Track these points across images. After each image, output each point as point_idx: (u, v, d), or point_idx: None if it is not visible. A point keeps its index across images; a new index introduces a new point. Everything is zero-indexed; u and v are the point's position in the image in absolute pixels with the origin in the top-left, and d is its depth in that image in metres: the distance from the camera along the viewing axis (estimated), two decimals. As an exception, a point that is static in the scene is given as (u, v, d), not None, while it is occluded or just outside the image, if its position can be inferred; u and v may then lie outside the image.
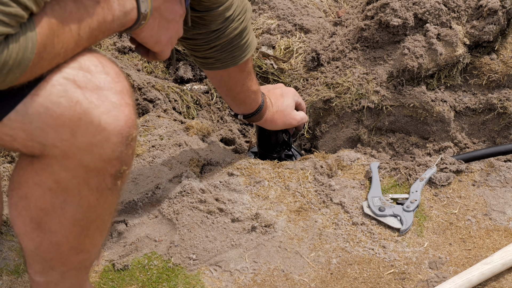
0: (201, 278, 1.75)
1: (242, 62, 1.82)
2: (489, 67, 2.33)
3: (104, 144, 1.15)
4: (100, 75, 1.14)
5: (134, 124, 1.19)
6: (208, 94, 2.60)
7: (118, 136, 1.16)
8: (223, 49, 1.77)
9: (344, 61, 2.39)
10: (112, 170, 1.20)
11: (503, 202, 1.94)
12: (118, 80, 1.17)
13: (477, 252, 1.80)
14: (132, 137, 1.20)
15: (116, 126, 1.15)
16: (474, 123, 2.37)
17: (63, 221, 1.23)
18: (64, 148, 1.13)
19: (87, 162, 1.16)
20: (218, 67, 1.82)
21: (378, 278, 1.74)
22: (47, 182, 1.18)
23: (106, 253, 1.82)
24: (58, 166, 1.15)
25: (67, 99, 1.10)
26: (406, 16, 2.27)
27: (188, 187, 1.93)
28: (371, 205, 1.91)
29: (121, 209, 1.90)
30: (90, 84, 1.13)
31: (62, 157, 1.14)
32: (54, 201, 1.20)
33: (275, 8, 2.66)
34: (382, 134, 2.39)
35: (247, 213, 1.89)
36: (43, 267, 1.34)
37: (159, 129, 2.21)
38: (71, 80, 1.11)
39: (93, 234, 1.31)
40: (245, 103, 1.96)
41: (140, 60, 2.63)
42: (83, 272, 1.41)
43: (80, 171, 1.17)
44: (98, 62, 1.16)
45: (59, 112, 1.10)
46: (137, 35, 1.31)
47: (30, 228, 1.24)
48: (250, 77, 1.90)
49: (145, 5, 1.23)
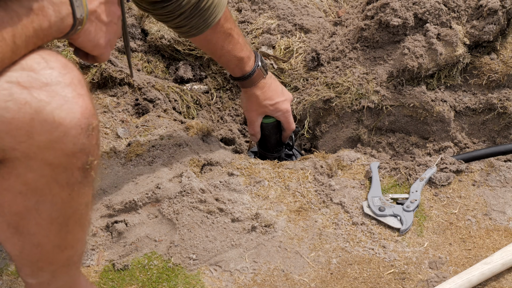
0: (201, 278, 1.75)
1: (215, 24, 1.86)
2: (489, 67, 2.33)
3: (63, 139, 1.13)
4: (45, 71, 1.12)
5: (92, 113, 1.17)
6: (208, 94, 2.60)
7: (76, 129, 1.14)
8: (191, 15, 1.81)
9: (344, 61, 2.39)
10: (78, 163, 1.19)
11: (503, 202, 1.94)
12: (66, 72, 1.15)
13: (477, 252, 1.80)
14: (92, 126, 1.17)
15: (72, 119, 1.13)
16: (474, 123, 2.38)
17: (40, 222, 1.22)
18: (24, 150, 1.12)
19: (50, 159, 1.14)
20: (194, 33, 1.87)
21: (378, 278, 1.74)
22: (16, 186, 1.16)
23: (106, 253, 1.82)
24: (23, 168, 1.14)
25: (14, 102, 1.08)
26: (406, 16, 2.27)
27: (188, 187, 1.93)
28: (371, 205, 1.91)
29: (121, 209, 1.90)
30: (36, 82, 1.10)
31: (25, 158, 1.13)
32: (27, 203, 1.19)
33: (275, 8, 2.66)
34: (382, 134, 2.39)
35: (247, 213, 1.89)
36: (31, 270, 1.33)
37: (159, 129, 2.21)
38: (15, 82, 1.09)
39: (73, 229, 1.30)
40: (228, 66, 2.03)
41: (140, 60, 2.63)
42: (73, 268, 1.40)
43: (46, 170, 1.16)
44: (41, 58, 1.13)
45: (10, 117, 1.08)
46: (75, 40, 1.28)
47: (10, 234, 1.23)
48: (230, 39, 1.93)
49: (81, 10, 1.20)
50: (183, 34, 1.91)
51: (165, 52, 2.66)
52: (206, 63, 2.64)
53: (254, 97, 2.08)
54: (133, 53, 2.65)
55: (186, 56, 2.64)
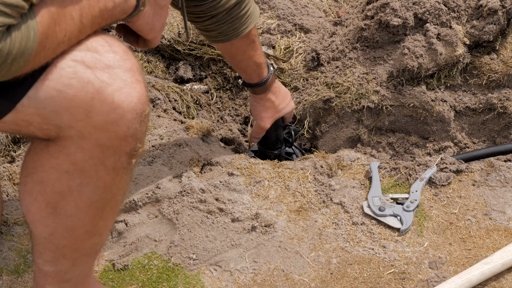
0: (201, 278, 1.75)
1: (244, 34, 1.84)
2: (489, 67, 2.33)
3: (119, 122, 1.16)
4: (108, 54, 1.15)
5: (147, 100, 1.20)
6: (208, 94, 2.60)
7: (132, 113, 1.17)
8: (222, 20, 1.79)
9: (344, 61, 2.39)
10: (127, 148, 1.21)
11: (503, 202, 1.94)
12: (127, 58, 1.18)
13: (477, 252, 1.80)
14: (145, 113, 1.20)
15: (130, 103, 1.16)
16: (474, 123, 2.38)
17: (79, 203, 1.23)
18: (79, 129, 1.14)
19: (103, 140, 1.17)
20: (222, 40, 1.85)
21: (378, 278, 1.74)
22: (64, 165, 1.18)
23: (106, 253, 1.82)
24: (74, 148, 1.16)
25: (78, 80, 1.11)
26: (406, 16, 2.27)
27: (188, 187, 1.93)
28: (371, 205, 1.91)
29: (121, 209, 1.90)
30: (100, 63, 1.13)
31: (78, 138, 1.15)
32: (71, 183, 1.20)
33: (275, 8, 2.66)
34: (382, 134, 2.39)
35: (247, 213, 1.89)
36: (54, 256, 1.33)
37: (159, 129, 2.21)
38: (80, 61, 1.12)
39: (107, 216, 1.32)
40: (246, 72, 2.00)
41: (140, 60, 2.63)
42: (93, 257, 1.41)
43: (97, 151, 1.17)
44: (105, 42, 1.16)
45: (72, 94, 1.11)
46: (134, 23, 1.31)
47: (46, 214, 1.24)
48: (253, 45, 1.91)
49: None
50: (210, 38, 1.89)
51: (165, 52, 2.66)
52: (206, 63, 2.64)
53: (270, 102, 2.07)
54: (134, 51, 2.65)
55: (186, 56, 2.64)
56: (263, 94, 2.04)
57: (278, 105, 2.09)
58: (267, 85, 2.02)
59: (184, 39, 2.60)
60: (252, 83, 2.02)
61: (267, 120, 2.10)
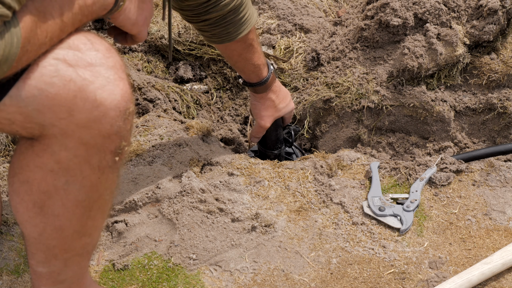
0: (201, 278, 1.75)
1: (238, 38, 1.84)
2: (489, 67, 2.33)
3: (102, 119, 1.15)
4: (90, 52, 1.15)
5: (130, 98, 1.19)
6: (208, 94, 2.60)
7: (115, 110, 1.16)
8: (216, 23, 1.79)
9: (344, 61, 2.39)
10: (112, 146, 1.20)
11: (503, 202, 1.94)
12: (110, 55, 1.17)
13: (477, 252, 1.80)
14: (130, 111, 1.20)
15: (113, 100, 1.15)
16: (474, 123, 2.38)
17: (66, 203, 1.23)
18: (62, 127, 1.14)
19: (86, 139, 1.16)
20: (215, 41, 1.87)
21: (378, 278, 1.74)
22: (49, 164, 1.18)
23: (106, 253, 1.82)
24: (58, 146, 1.16)
25: (60, 78, 1.11)
26: (406, 16, 2.27)
27: (188, 187, 1.93)
28: (371, 205, 1.91)
29: (121, 209, 1.90)
30: (81, 61, 1.13)
31: (62, 136, 1.15)
32: (57, 182, 1.20)
33: (275, 8, 2.66)
34: (382, 134, 2.39)
35: (247, 213, 1.89)
36: (46, 256, 1.33)
37: (159, 129, 2.21)
38: (62, 59, 1.12)
39: (95, 216, 1.31)
40: (244, 72, 2.01)
41: (140, 60, 2.63)
42: (85, 258, 1.41)
43: (81, 149, 1.17)
44: (87, 39, 1.16)
45: (54, 92, 1.10)
46: (116, 19, 1.31)
47: (33, 213, 1.24)
48: (249, 49, 1.92)
49: None
50: (205, 38, 1.90)
51: (165, 52, 2.66)
52: (206, 63, 2.64)
53: (270, 101, 2.07)
54: (133, 53, 2.65)
55: (186, 56, 2.64)
56: (264, 93, 2.05)
57: (278, 104, 2.09)
58: (267, 85, 2.02)
59: (184, 39, 2.60)
60: (251, 82, 2.03)
61: (267, 119, 2.10)
